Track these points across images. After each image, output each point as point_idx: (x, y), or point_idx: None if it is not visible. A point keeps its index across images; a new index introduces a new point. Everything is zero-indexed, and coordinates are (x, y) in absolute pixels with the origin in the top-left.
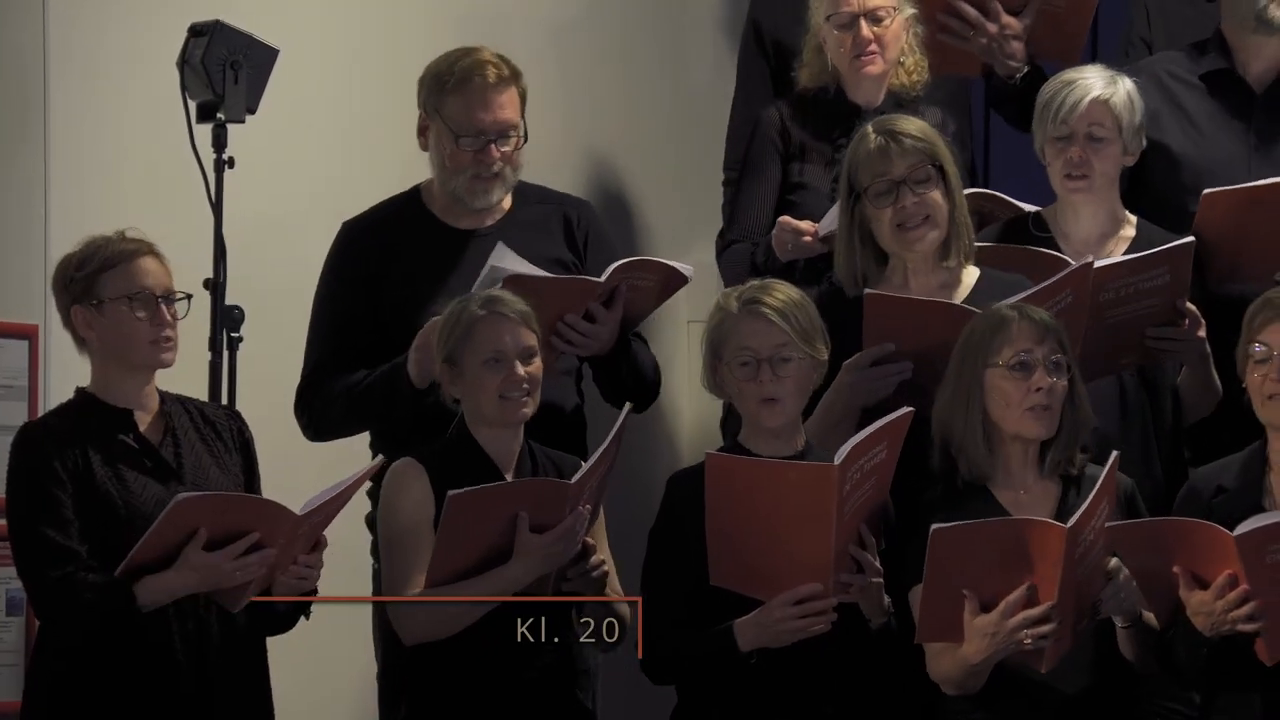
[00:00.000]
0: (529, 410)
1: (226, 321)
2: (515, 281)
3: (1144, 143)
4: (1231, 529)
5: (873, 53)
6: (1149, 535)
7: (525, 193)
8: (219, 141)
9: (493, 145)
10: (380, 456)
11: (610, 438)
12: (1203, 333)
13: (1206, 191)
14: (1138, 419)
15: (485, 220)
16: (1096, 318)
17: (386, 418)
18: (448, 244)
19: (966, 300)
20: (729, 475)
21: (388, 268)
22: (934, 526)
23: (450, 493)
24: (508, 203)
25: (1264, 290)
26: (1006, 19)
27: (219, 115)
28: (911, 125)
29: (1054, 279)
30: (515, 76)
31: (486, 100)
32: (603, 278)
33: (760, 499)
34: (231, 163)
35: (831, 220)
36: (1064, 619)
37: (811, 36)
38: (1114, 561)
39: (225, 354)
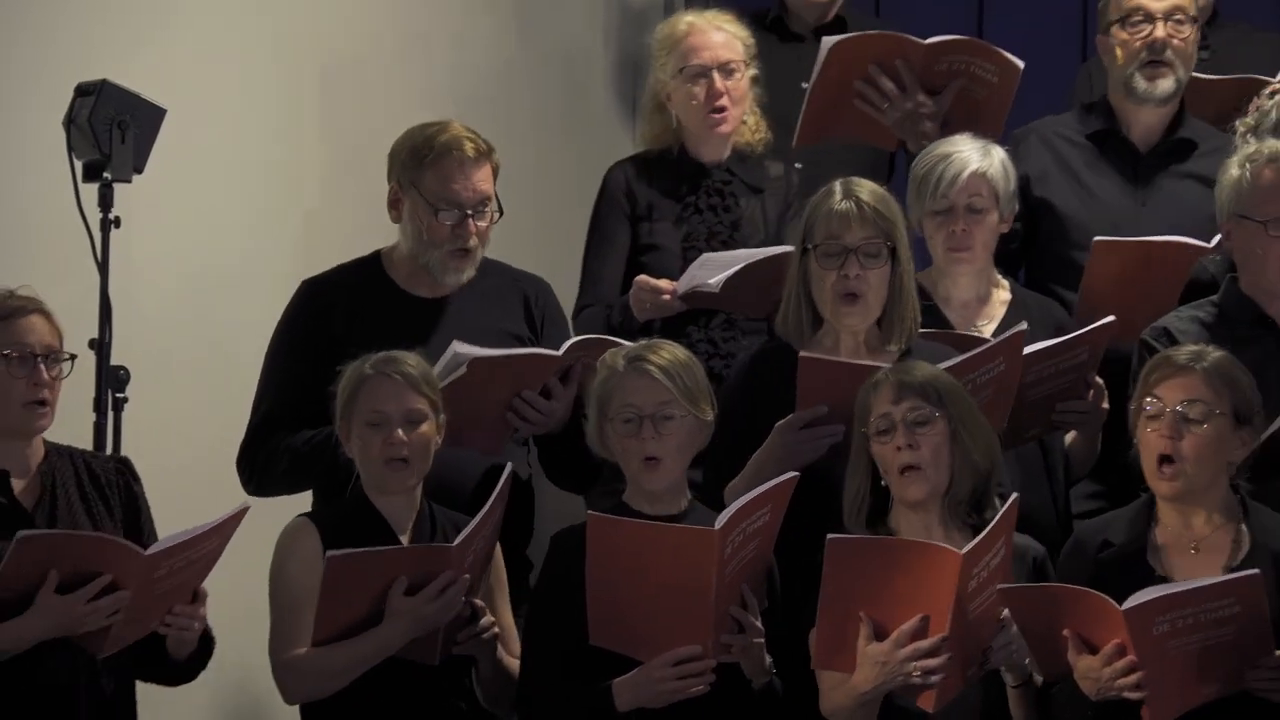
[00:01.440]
0: (410, 477)
1: (112, 382)
2: (479, 363)
3: (1017, 208)
4: (1118, 584)
5: (724, 107)
6: (1040, 599)
7: (485, 265)
8: (105, 201)
9: (470, 219)
10: (244, 503)
11: (491, 500)
12: (1106, 405)
13: (1098, 239)
14: (1037, 479)
15: (444, 290)
16: (1017, 398)
17: (327, 478)
18: (407, 311)
19: (898, 363)
20: (609, 535)
21: (344, 330)
22: (830, 536)
23: (329, 554)
24: (469, 275)
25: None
26: (922, 97)
27: (105, 175)
28: (877, 196)
29: (987, 346)
30: (490, 151)
31: (466, 174)
32: (560, 351)
33: (641, 560)
34: (118, 222)
35: (690, 279)
36: (954, 657)
37: (650, 97)
38: (1006, 612)
39: (110, 414)
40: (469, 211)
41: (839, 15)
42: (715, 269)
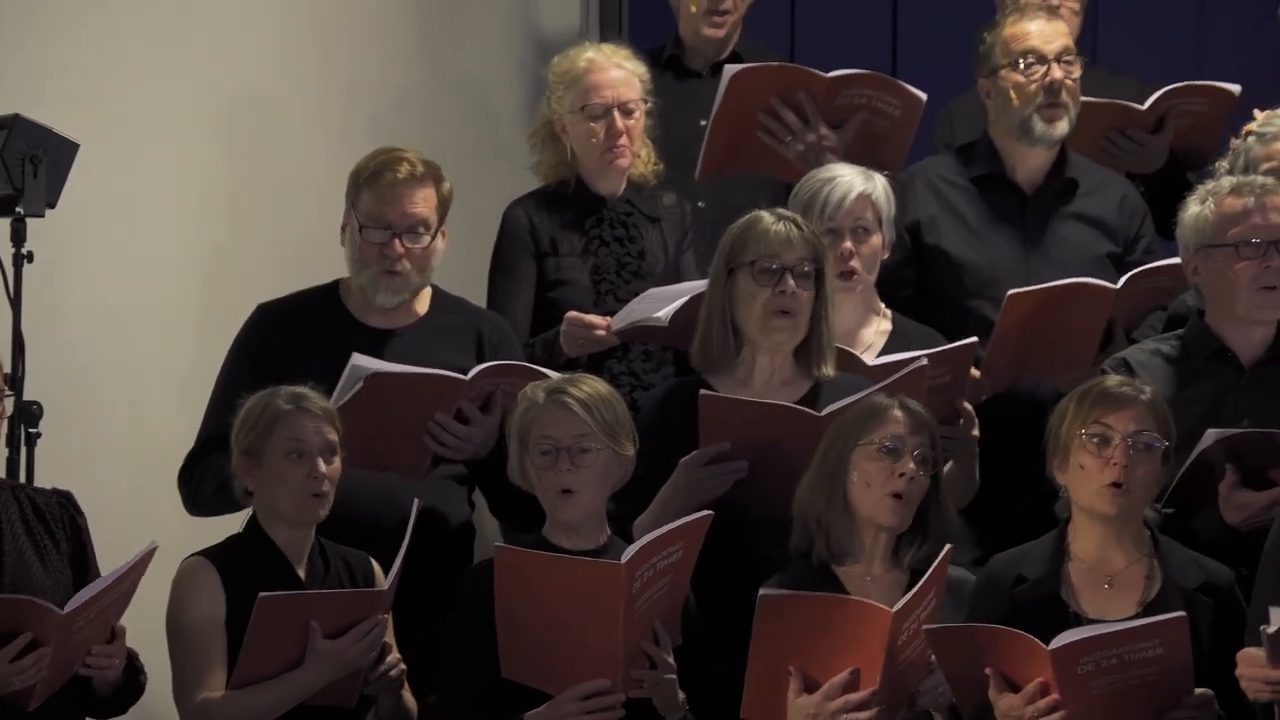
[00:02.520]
0: (327, 508)
1: (24, 417)
2: (376, 379)
3: (894, 236)
4: (1032, 619)
5: (624, 145)
6: (964, 638)
7: (444, 301)
8: (18, 236)
9: (398, 240)
10: (153, 542)
11: (405, 544)
12: (976, 431)
13: (1012, 293)
14: None
15: (399, 321)
16: None
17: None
18: (358, 341)
19: (804, 399)
20: (518, 569)
21: (295, 357)
22: (762, 591)
23: (261, 595)
24: (424, 307)
25: (1049, 385)
26: (825, 130)
27: (18, 209)
28: (807, 223)
29: (892, 380)
30: (433, 176)
31: (395, 194)
32: (469, 376)
33: (549, 593)
34: (30, 257)
35: (631, 314)
36: (883, 707)
37: (543, 126)
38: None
39: (23, 449)
40: (397, 232)
41: (735, 51)
42: (659, 303)
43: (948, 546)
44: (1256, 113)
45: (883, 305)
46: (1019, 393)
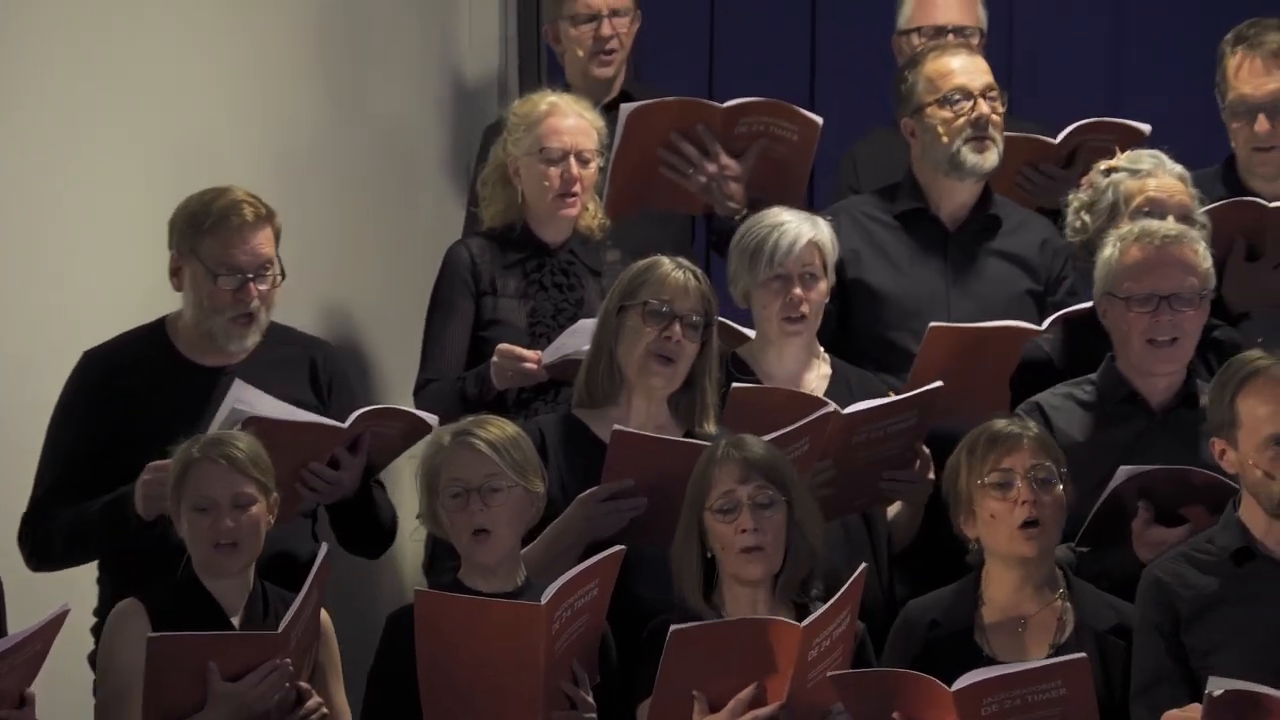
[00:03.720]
0: (240, 560)
1: None
2: (257, 424)
3: (834, 279)
4: (947, 663)
5: (576, 193)
6: (870, 683)
7: (273, 332)
8: None
9: (251, 284)
10: (65, 604)
11: (309, 582)
12: (931, 475)
13: (933, 325)
14: (861, 552)
15: (231, 358)
16: (847, 461)
17: (110, 549)
18: (191, 381)
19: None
20: (437, 613)
21: (127, 401)
22: (673, 627)
23: (149, 636)
24: (255, 340)
25: (965, 428)
26: (726, 160)
27: None
28: (703, 276)
29: (795, 426)
30: (270, 215)
31: (245, 238)
32: (347, 424)
33: (469, 637)
34: None
35: (560, 348)
36: None
37: (495, 169)
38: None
39: None
40: (249, 275)
41: (624, 91)
42: (588, 337)
43: (863, 566)
44: (1117, 150)
45: (822, 350)
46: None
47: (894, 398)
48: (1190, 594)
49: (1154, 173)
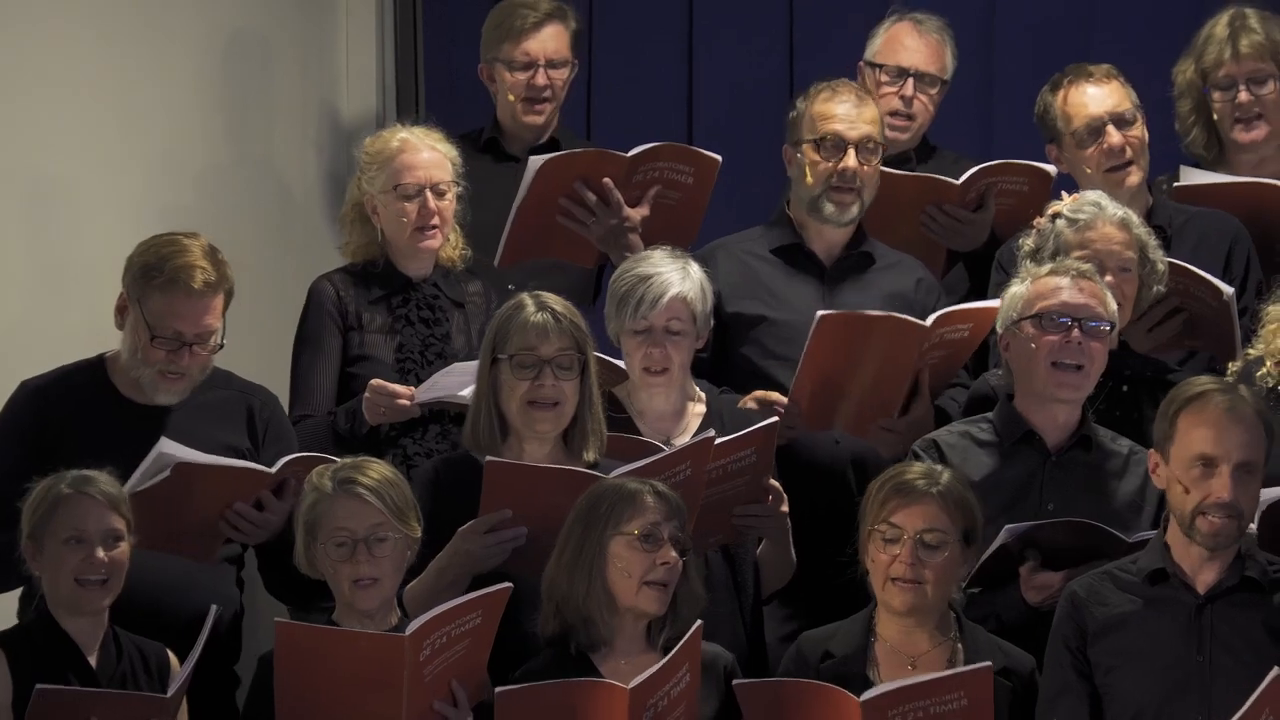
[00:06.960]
0: (106, 597)
1: None
2: (184, 468)
3: (711, 323)
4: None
5: (435, 226)
6: (773, 696)
7: (213, 376)
8: None
9: (187, 349)
10: None
11: (197, 648)
12: (785, 508)
13: (822, 314)
14: (723, 592)
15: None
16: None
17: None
18: (127, 418)
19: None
20: (299, 645)
21: (62, 434)
22: (498, 690)
23: (38, 687)
24: (180, 397)
25: (849, 447)
26: (627, 211)
27: None
28: (569, 309)
29: (676, 450)
30: (221, 282)
31: (191, 306)
32: (274, 469)
33: (331, 667)
34: None
35: (435, 387)
36: None
37: (353, 207)
38: None
39: None
40: (187, 342)
41: (553, 137)
42: (463, 377)
43: (698, 623)
44: (1064, 194)
45: (698, 389)
46: (817, 461)
47: (730, 436)
48: (1102, 611)
49: (1092, 224)
